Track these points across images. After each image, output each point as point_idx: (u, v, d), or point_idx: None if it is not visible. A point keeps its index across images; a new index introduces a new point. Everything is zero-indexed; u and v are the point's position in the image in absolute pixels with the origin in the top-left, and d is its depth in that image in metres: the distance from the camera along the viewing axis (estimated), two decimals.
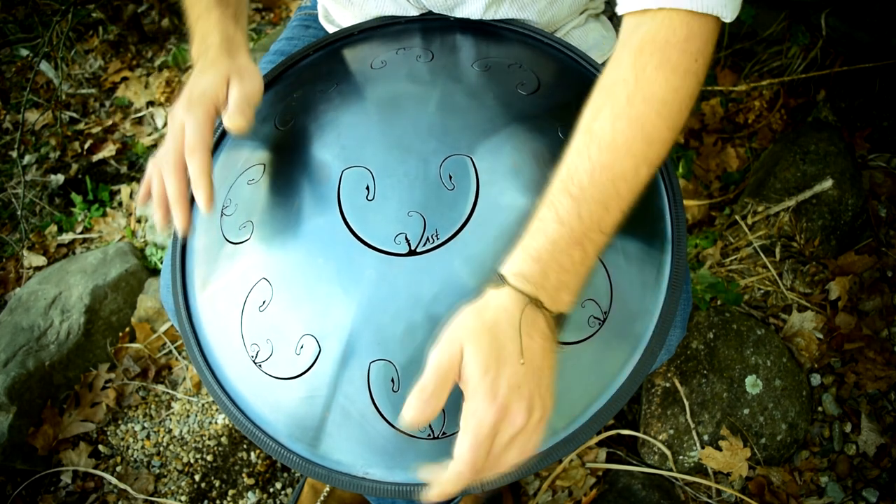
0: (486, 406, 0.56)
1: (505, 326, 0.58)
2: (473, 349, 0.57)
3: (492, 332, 0.58)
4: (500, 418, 0.56)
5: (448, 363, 0.57)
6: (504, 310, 0.59)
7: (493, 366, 0.57)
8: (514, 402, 0.57)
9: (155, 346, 1.56)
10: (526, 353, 0.58)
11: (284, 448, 0.69)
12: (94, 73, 2.24)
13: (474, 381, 0.56)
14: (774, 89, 1.68)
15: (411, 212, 0.68)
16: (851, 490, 1.21)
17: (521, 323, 0.58)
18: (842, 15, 1.54)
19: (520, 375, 0.57)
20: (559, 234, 0.60)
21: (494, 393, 0.56)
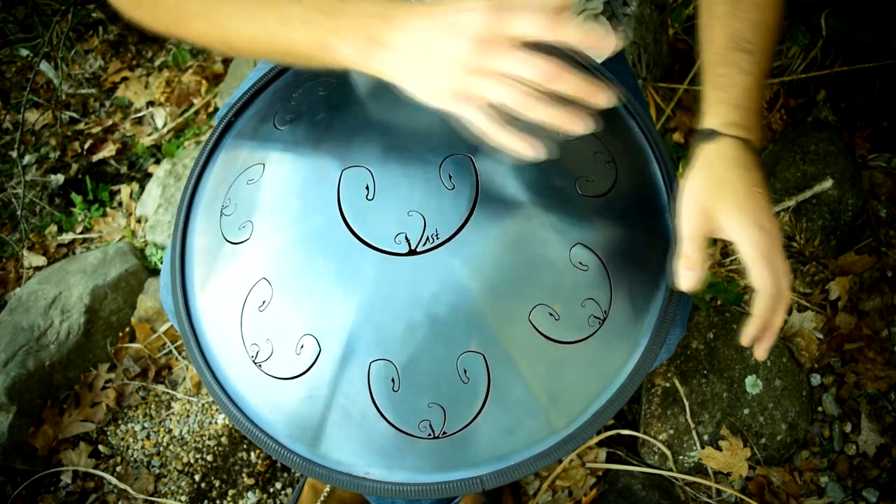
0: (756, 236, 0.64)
1: (738, 169, 0.67)
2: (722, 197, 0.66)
3: (729, 178, 0.67)
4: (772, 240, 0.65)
5: (700, 223, 0.66)
6: (732, 156, 0.68)
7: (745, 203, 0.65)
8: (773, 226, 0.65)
9: (155, 346, 1.56)
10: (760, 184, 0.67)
11: (284, 448, 0.69)
12: (94, 73, 2.24)
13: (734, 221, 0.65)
14: (774, 89, 1.68)
15: (411, 211, 0.68)
16: (851, 490, 1.21)
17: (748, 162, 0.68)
18: (842, 15, 1.54)
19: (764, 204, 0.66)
20: (747, 83, 0.69)
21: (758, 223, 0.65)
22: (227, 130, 0.85)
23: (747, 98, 0.70)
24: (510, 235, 0.67)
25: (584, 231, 0.69)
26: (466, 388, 0.65)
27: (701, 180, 0.68)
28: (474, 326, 0.65)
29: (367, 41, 0.59)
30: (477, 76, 0.57)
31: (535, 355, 0.66)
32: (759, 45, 0.71)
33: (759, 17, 0.71)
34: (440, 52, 0.57)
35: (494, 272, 0.66)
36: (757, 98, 0.71)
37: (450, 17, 0.57)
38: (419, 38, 0.58)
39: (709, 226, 0.66)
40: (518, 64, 0.56)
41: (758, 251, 0.64)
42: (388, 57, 0.60)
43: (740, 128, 0.69)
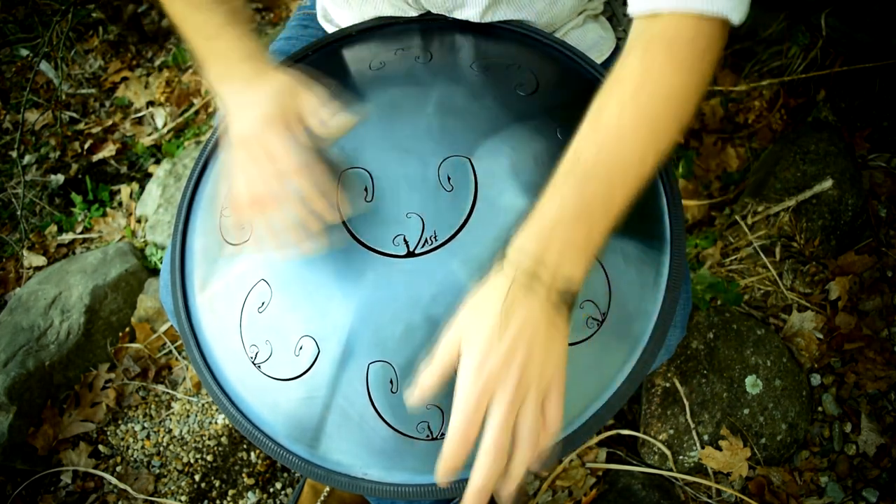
0: (469, 376, 0.57)
1: (497, 304, 0.59)
2: (470, 331, 0.59)
3: (485, 312, 0.59)
4: (487, 389, 0.56)
5: (446, 349, 0.60)
6: (498, 289, 0.59)
7: (478, 342, 0.58)
8: (502, 371, 0.57)
9: (155, 346, 1.56)
10: (517, 325, 0.58)
11: (284, 449, 0.69)
12: (94, 73, 2.24)
13: (464, 360, 0.58)
14: (774, 89, 1.68)
15: (410, 213, 0.68)
16: (851, 490, 1.21)
17: (513, 300, 0.58)
18: (842, 15, 1.54)
19: (510, 345, 0.57)
20: (562, 211, 0.61)
21: (480, 364, 0.57)
22: None
23: (552, 229, 0.60)
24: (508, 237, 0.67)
25: None
26: None
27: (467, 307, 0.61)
28: None
29: (219, 76, 0.73)
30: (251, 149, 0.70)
31: None
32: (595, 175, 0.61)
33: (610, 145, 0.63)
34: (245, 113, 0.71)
35: None
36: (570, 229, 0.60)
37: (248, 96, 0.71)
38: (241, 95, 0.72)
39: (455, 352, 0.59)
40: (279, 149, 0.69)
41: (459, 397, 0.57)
42: (225, 96, 0.72)
43: (527, 258, 0.60)
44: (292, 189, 0.68)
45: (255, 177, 0.69)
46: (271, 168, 0.69)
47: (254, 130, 0.69)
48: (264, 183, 0.69)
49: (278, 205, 0.69)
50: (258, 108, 0.70)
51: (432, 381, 0.59)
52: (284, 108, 0.70)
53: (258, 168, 0.69)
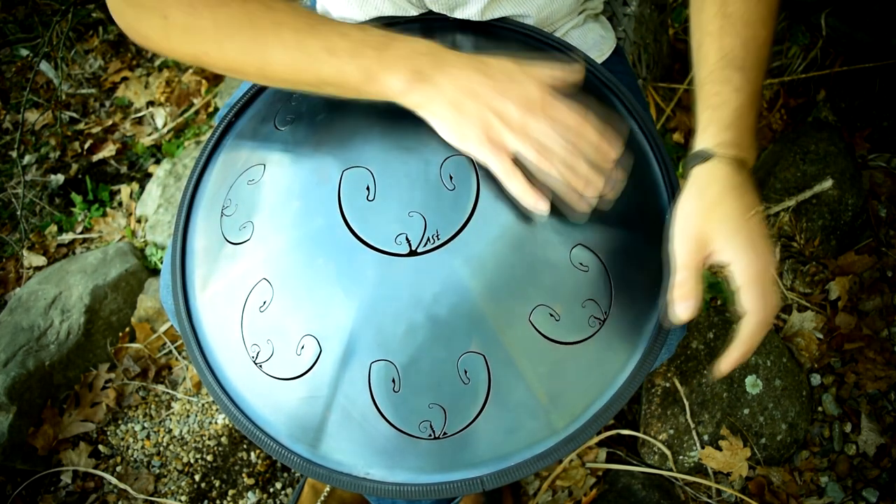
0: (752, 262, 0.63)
1: (731, 192, 0.65)
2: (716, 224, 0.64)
3: (722, 202, 0.65)
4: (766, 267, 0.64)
5: (694, 249, 0.65)
6: (723, 178, 0.65)
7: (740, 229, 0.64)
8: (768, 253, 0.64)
9: (155, 346, 1.56)
10: (755, 207, 0.65)
11: (285, 448, 0.69)
12: (94, 73, 2.24)
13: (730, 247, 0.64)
14: (774, 89, 1.68)
15: (412, 212, 0.68)
16: (851, 490, 1.21)
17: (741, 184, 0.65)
18: (842, 15, 1.54)
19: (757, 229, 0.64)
20: (740, 102, 0.68)
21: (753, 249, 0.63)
22: (228, 130, 0.85)
23: (740, 117, 0.68)
24: (511, 236, 0.67)
25: (585, 232, 0.69)
26: (467, 388, 0.65)
27: (693, 205, 0.66)
28: (475, 327, 0.65)
29: (414, 75, 0.65)
30: (509, 131, 0.65)
31: (536, 356, 0.66)
32: (751, 62, 0.69)
33: (750, 34, 0.70)
34: (481, 100, 0.65)
35: (495, 273, 0.66)
36: (750, 116, 0.69)
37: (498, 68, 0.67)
38: (464, 81, 0.65)
39: (703, 251, 0.65)
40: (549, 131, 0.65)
41: (751, 277, 0.63)
42: (431, 92, 0.65)
43: (733, 147, 0.67)
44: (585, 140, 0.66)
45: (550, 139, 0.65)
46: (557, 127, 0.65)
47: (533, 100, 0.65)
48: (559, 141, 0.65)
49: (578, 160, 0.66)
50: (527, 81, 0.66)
51: (693, 285, 0.65)
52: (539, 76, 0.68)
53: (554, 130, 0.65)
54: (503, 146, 0.65)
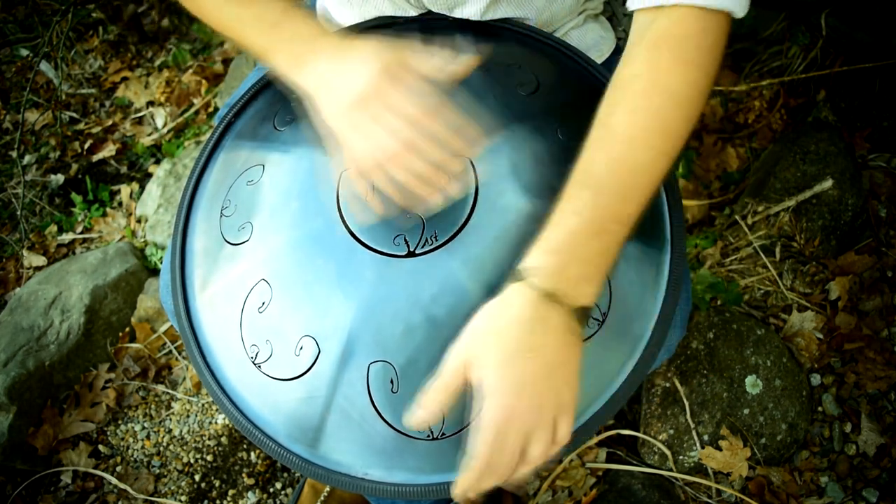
0: (494, 406, 0.57)
1: (513, 325, 0.58)
2: (483, 353, 0.58)
3: (500, 332, 0.59)
4: (508, 416, 0.57)
5: (458, 368, 0.59)
6: (514, 307, 0.59)
7: (500, 367, 0.58)
8: (518, 401, 0.57)
9: (155, 346, 1.56)
10: (537, 350, 0.58)
11: (284, 449, 0.69)
12: (94, 73, 2.24)
13: (485, 382, 0.58)
14: (774, 89, 1.68)
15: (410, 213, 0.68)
16: (851, 490, 1.21)
17: (530, 320, 0.58)
18: (842, 15, 1.54)
19: (528, 374, 0.58)
20: (577, 226, 0.60)
21: (502, 392, 0.57)
22: (228, 131, 0.85)
23: (573, 243, 0.60)
24: (509, 237, 0.67)
25: None
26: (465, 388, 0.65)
27: (478, 327, 0.60)
28: None
29: (294, 58, 0.68)
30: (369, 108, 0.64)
31: None
32: (610, 186, 0.61)
33: (620, 154, 0.62)
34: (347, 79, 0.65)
35: (493, 274, 0.66)
36: (589, 245, 0.60)
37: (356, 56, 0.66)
38: (320, 72, 0.66)
39: (465, 376, 0.59)
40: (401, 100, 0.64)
41: (489, 422, 0.57)
42: (307, 75, 0.67)
43: (549, 277, 0.59)
44: (426, 134, 0.63)
45: (381, 134, 0.64)
46: (396, 121, 0.63)
47: (364, 92, 0.64)
48: (393, 136, 0.63)
49: (414, 154, 0.63)
50: (361, 71, 0.64)
51: (437, 402, 0.60)
52: (388, 63, 0.65)
53: (381, 125, 0.64)
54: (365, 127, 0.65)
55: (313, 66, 0.67)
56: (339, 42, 0.67)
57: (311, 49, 0.67)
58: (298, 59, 0.68)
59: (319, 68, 0.67)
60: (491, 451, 0.57)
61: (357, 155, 0.66)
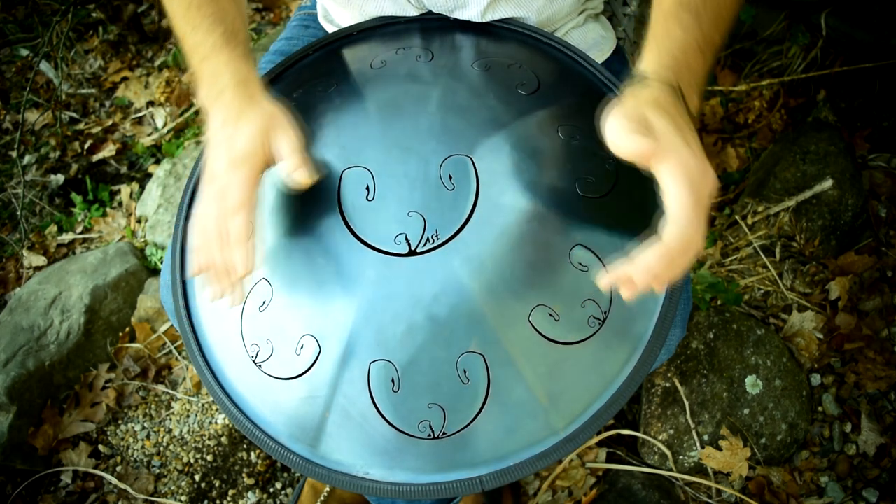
0: (690, 158, 0.57)
1: (671, 104, 0.61)
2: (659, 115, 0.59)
3: (665, 106, 0.60)
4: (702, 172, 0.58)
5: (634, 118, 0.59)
6: (663, 93, 0.62)
7: (680, 129, 0.59)
8: (704, 159, 0.59)
9: (155, 346, 1.56)
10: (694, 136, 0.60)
11: (284, 448, 0.69)
12: (94, 73, 2.24)
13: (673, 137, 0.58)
14: (774, 89, 1.68)
15: (411, 212, 0.68)
16: (851, 490, 1.21)
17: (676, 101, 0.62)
18: (842, 15, 1.54)
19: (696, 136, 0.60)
20: (685, 41, 0.66)
21: (692, 150, 0.58)
22: None
23: (683, 51, 0.65)
24: (510, 236, 0.67)
25: (585, 232, 0.69)
26: (466, 388, 0.65)
27: (629, 101, 0.61)
28: (474, 327, 0.65)
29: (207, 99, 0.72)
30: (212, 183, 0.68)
31: (535, 356, 0.66)
32: (708, 11, 0.67)
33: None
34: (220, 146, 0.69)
35: (494, 273, 0.66)
36: (696, 58, 0.66)
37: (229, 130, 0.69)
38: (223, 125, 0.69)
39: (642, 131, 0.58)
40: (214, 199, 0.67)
41: (691, 180, 0.57)
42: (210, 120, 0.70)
43: (672, 73, 0.64)
44: (223, 240, 0.66)
45: (207, 214, 0.68)
46: (220, 206, 0.66)
47: (220, 169, 0.67)
48: (211, 221, 0.67)
49: (222, 245, 0.66)
50: (232, 149, 0.68)
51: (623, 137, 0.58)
52: (256, 150, 0.68)
53: (212, 205, 0.67)
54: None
55: (216, 114, 0.70)
56: (242, 101, 0.70)
57: (221, 96, 0.70)
58: (211, 101, 0.71)
59: (218, 120, 0.70)
60: (696, 210, 0.56)
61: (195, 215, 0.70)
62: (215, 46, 0.73)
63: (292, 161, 0.68)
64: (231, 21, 0.75)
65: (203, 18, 0.74)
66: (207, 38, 0.73)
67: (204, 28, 0.74)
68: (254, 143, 0.67)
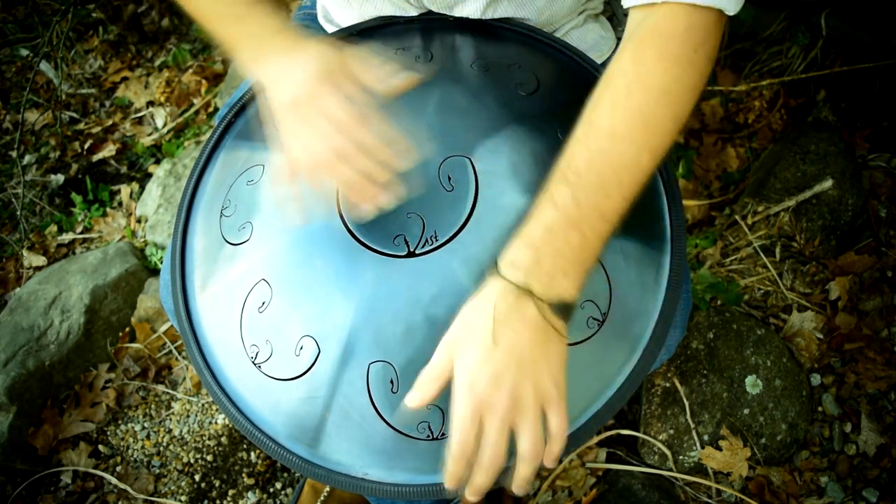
0: (462, 398, 0.59)
1: (488, 319, 0.59)
2: (461, 346, 0.60)
3: (475, 326, 0.60)
4: (478, 410, 0.58)
5: (440, 362, 0.61)
6: (489, 301, 0.60)
7: (476, 360, 0.59)
8: (493, 392, 0.58)
9: (155, 346, 1.56)
10: (506, 343, 0.58)
11: (284, 449, 0.69)
12: (94, 73, 2.24)
13: (459, 375, 0.59)
14: (774, 89, 1.68)
15: (410, 213, 0.68)
16: (851, 490, 1.21)
17: (498, 312, 0.59)
18: (842, 15, 1.54)
19: (499, 365, 0.58)
20: (554, 220, 0.60)
21: (470, 384, 0.58)
22: (228, 131, 0.85)
23: (546, 238, 0.60)
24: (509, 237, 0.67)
25: None
26: None
27: (459, 321, 0.61)
28: None
29: (253, 53, 0.70)
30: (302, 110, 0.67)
31: None
32: (588, 180, 0.60)
33: (602, 147, 0.61)
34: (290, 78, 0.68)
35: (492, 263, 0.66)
36: (563, 239, 0.60)
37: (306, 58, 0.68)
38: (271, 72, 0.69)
39: (447, 372, 0.61)
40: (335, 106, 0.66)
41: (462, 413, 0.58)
42: (262, 71, 0.70)
43: (518, 271, 0.59)
44: (355, 142, 0.66)
45: (313, 138, 0.67)
46: (328, 126, 0.66)
47: (302, 94, 0.67)
48: (324, 141, 0.66)
49: (342, 162, 0.66)
50: (302, 72, 0.67)
51: (429, 387, 0.61)
52: (330, 68, 0.67)
53: (313, 129, 0.66)
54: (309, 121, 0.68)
55: (266, 65, 0.70)
56: (293, 40, 0.69)
57: (268, 44, 0.69)
58: (257, 55, 0.71)
59: (271, 65, 0.69)
60: (467, 442, 0.58)
61: (292, 157, 0.69)
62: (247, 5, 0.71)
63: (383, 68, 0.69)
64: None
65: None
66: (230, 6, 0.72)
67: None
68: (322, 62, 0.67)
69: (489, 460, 0.59)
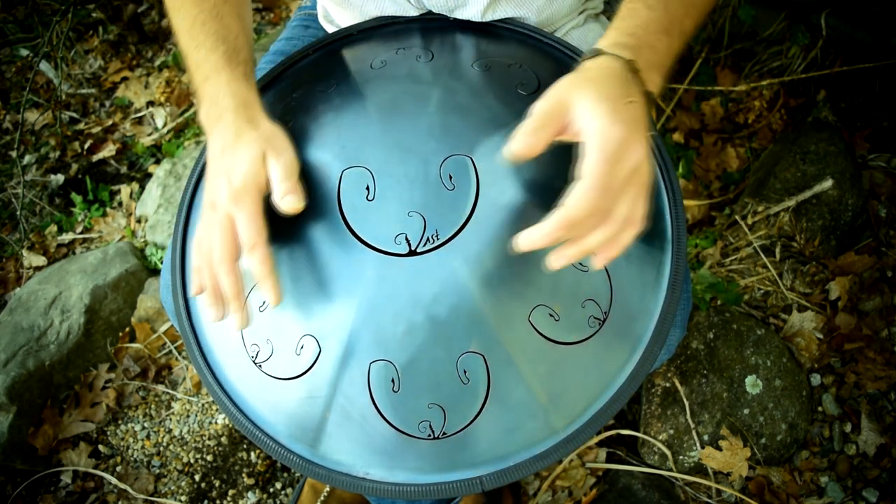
0: (611, 126, 0.56)
1: (612, 78, 0.59)
2: (584, 94, 0.57)
3: (599, 81, 0.59)
4: (625, 141, 0.56)
5: (554, 105, 0.58)
6: (606, 67, 0.61)
7: (606, 107, 0.56)
8: (633, 133, 0.57)
9: (155, 346, 1.56)
10: (633, 102, 0.59)
11: (284, 448, 0.69)
12: (94, 73, 2.24)
13: (592, 115, 0.56)
14: (774, 89, 1.68)
15: (411, 212, 0.68)
16: (851, 490, 1.21)
17: (623, 78, 0.60)
18: (842, 15, 1.54)
19: (629, 114, 0.57)
20: (649, 19, 0.65)
21: (616, 119, 0.56)
22: None
23: (645, 30, 0.64)
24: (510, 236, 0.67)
25: None
26: (466, 388, 0.65)
27: (568, 78, 0.60)
28: (474, 327, 0.65)
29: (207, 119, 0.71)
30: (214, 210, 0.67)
31: (535, 356, 0.66)
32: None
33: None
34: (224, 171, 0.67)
35: (495, 273, 0.66)
36: (659, 38, 0.64)
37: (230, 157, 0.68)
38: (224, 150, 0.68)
39: (562, 111, 0.58)
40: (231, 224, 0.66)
41: (602, 143, 0.55)
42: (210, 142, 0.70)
43: (627, 50, 0.62)
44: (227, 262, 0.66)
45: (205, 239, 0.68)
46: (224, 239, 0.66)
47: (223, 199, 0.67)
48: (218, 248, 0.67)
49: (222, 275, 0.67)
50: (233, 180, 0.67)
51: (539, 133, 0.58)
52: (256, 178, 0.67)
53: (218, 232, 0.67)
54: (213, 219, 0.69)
55: (214, 138, 0.70)
56: (241, 125, 0.69)
57: (218, 120, 0.70)
58: (211, 122, 0.71)
59: (216, 144, 0.69)
60: (606, 171, 0.55)
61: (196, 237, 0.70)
62: (217, 66, 0.72)
63: (282, 187, 0.67)
64: (234, 39, 0.75)
65: (206, 36, 0.74)
66: (210, 56, 0.73)
67: (207, 46, 0.73)
68: (253, 171, 0.66)
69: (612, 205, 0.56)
